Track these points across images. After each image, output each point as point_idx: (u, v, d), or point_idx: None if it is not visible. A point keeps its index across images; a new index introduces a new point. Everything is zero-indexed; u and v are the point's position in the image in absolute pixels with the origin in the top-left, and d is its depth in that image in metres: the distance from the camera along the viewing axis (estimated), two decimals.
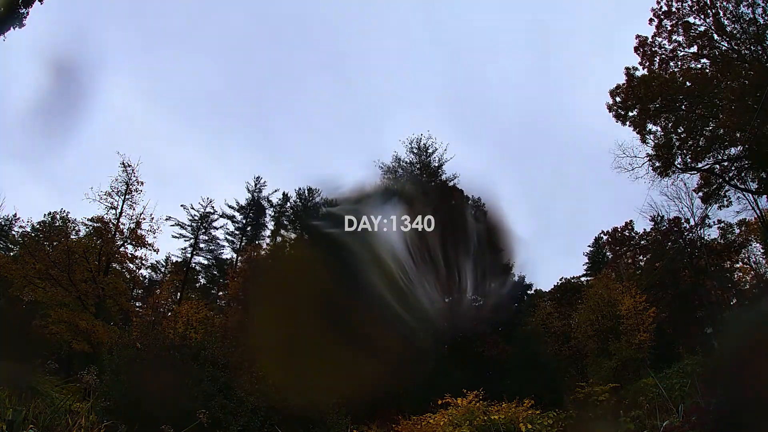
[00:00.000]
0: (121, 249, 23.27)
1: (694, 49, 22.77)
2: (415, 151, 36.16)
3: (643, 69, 23.73)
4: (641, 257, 38.31)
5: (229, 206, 38.01)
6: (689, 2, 22.27)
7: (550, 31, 71.46)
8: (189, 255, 35.59)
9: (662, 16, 22.91)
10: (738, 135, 21.60)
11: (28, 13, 10.75)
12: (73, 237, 23.82)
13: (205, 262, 37.56)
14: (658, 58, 23.32)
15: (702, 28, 22.24)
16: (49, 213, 34.13)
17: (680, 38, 22.81)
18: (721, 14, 21.74)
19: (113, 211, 22.89)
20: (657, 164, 24.40)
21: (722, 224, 33.29)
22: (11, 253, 27.75)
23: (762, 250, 32.34)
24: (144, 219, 23.27)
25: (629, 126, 24.53)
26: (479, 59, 73.15)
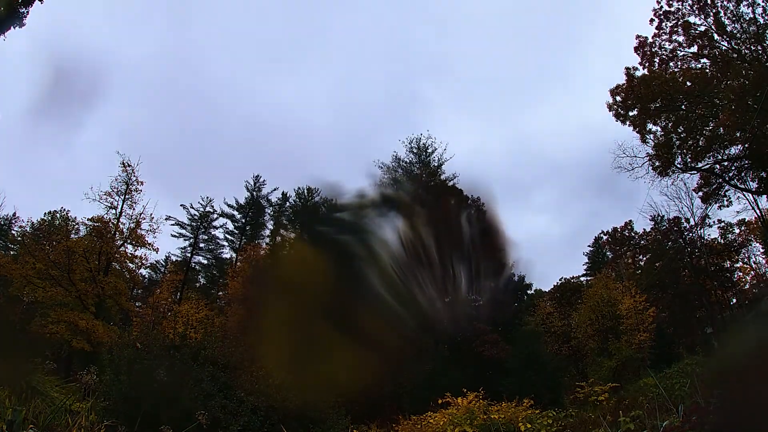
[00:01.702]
0: (121, 249, 23.26)
1: (695, 48, 22.74)
2: (415, 150, 36.19)
3: (644, 69, 23.71)
4: (641, 257, 38.31)
5: (229, 205, 38.03)
6: (689, 2, 22.23)
7: (553, 32, 71.58)
8: (189, 255, 35.59)
9: (662, 16, 22.88)
10: (738, 135, 21.57)
11: (28, 12, 10.74)
12: (73, 237, 23.83)
13: (205, 261, 37.59)
14: (658, 58, 23.29)
15: (702, 28, 22.21)
16: (49, 212, 34.17)
17: (680, 38, 22.79)
18: (722, 14, 21.71)
19: (113, 211, 22.91)
20: (657, 164, 24.37)
21: (722, 224, 33.30)
22: (11, 253, 27.74)
23: (762, 250, 32.35)
24: (144, 219, 23.29)
25: (629, 126, 24.54)
26: (475, 59, 73.27)
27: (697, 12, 22.11)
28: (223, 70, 69.65)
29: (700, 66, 22.93)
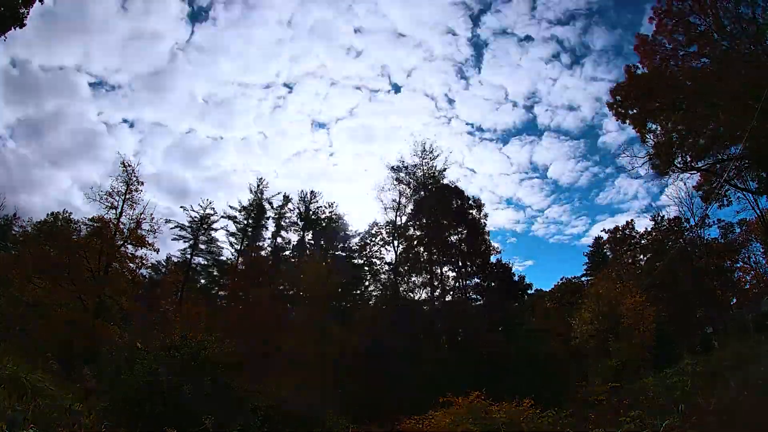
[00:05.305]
0: (121, 249, 23.19)
1: (695, 48, 22.65)
2: (420, 153, 36.11)
3: (644, 67, 23.64)
4: (642, 257, 38.28)
5: (231, 207, 38.01)
6: (690, 2, 22.13)
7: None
8: (189, 256, 35.56)
9: (663, 15, 22.78)
10: (738, 135, 21.49)
11: (28, 12, 10.75)
12: (74, 237, 23.80)
13: (205, 262, 37.55)
14: (658, 56, 23.21)
15: (702, 28, 22.12)
16: (51, 213, 34.27)
17: (681, 37, 22.67)
18: (722, 14, 21.61)
19: (113, 211, 22.79)
20: (657, 163, 24.31)
21: (722, 224, 33.29)
22: (12, 253, 27.73)
23: (762, 250, 32.32)
24: (144, 219, 23.17)
25: (629, 124, 24.50)
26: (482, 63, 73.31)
27: (697, 12, 22.03)
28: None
29: (700, 65, 22.85)
